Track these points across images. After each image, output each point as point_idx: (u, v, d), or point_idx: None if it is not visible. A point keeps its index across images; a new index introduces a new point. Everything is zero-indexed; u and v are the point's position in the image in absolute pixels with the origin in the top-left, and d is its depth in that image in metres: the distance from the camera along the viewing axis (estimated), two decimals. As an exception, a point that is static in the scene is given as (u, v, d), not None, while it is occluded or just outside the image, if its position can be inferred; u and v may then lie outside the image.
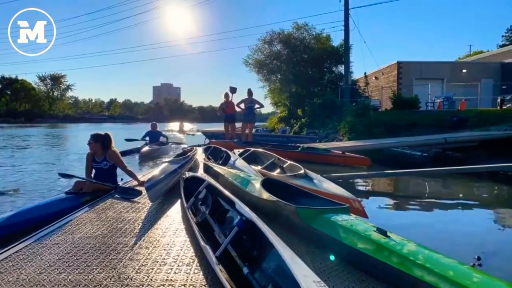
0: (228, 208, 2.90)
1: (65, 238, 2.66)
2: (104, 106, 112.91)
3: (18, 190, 5.85)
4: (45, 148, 15.47)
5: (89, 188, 4.46)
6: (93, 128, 39.27)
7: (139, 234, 2.78)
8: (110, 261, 2.23)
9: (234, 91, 11.32)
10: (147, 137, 11.77)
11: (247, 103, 10.85)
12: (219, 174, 4.79)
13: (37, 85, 77.75)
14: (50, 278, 2.00)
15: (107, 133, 4.74)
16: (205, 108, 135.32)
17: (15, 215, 3.58)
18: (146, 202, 3.78)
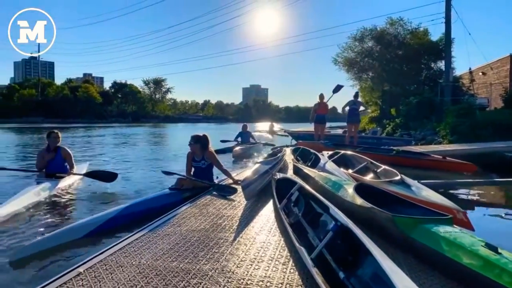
0: (321, 211, 2.94)
1: (174, 230, 2.98)
2: (199, 107, 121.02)
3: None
4: (149, 146, 17.21)
5: (189, 184, 4.88)
6: (189, 128, 42.39)
7: (237, 230, 2.98)
8: (214, 254, 2.45)
9: (338, 89, 11.45)
10: (239, 138, 12.38)
11: (350, 105, 10.97)
12: (309, 176, 4.84)
13: (142, 89, 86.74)
14: (164, 265, 2.28)
15: (205, 135, 5.11)
16: (291, 108, 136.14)
17: (129, 206, 4.11)
18: (242, 200, 4.01)
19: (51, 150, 5.82)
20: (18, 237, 3.45)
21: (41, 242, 3.07)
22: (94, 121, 55.73)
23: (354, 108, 11.08)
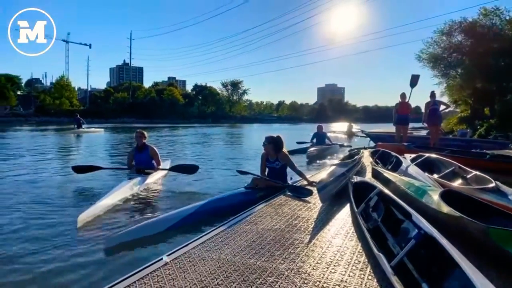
0: (402, 218, 2.79)
1: (251, 228, 3.08)
2: (273, 108, 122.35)
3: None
4: (226, 146, 17.91)
5: (263, 184, 4.98)
6: (264, 128, 43.14)
7: (313, 232, 2.97)
8: (289, 254, 2.48)
9: (415, 81, 10.74)
10: (314, 139, 12.25)
11: (430, 105, 10.26)
12: (389, 180, 4.61)
13: (220, 91, 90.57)
14: (242, 261, 2.37)
15: (279, 136, 5.17)
16: (369, 108, 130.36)
17: (208, 202, 4.34)
18: (317, 202, 3.98)
19: (139, 148, 6.41)
20: (114, 226, 3.87)
21: (131, 231, 3.40)
22: (177, 121, 59.63)
23: (434, 109, 10.29)
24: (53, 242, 3.38)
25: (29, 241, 3.42)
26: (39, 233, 3.63)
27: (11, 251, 3.18)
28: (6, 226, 3.87)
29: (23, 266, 2.88)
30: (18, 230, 3.73)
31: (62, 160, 10.91)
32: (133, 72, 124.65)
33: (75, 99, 71.16)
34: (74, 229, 3.71)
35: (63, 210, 4.57)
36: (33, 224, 3.95)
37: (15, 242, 3.39)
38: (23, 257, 3.04)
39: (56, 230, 3.75)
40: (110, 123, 36.89)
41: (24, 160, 10.38)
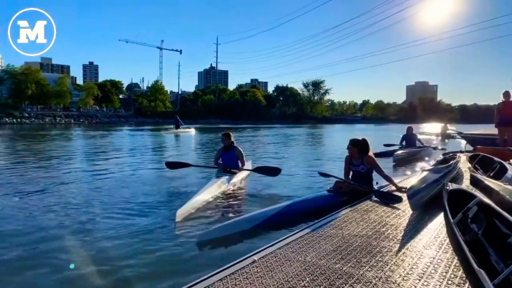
0: (507, 232, 2.52)
1: (336, 232, 3.07)
2: (357, 108, 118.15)
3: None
4: (307, 147, 17.85)
5: (347, 188, 4.87)
6: (346, 129, 41.95)
7: (402, 241, 2.84)
8: (377, 262, 2.42)
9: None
10: (404, 141, 11.53)
11: None
12: (491, 189, 4.17)
13: (302, 91, 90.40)
14: (328, 265, 2.38)
15: (364, 139, 5.00)
16: (467, 107, 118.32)
17: (291, 204, 4.42)
18: (407, 209, 3.78)
19: (226, 148, 6.75)
20: (206, 222, 4.17)
21: (221, 228, 3.64)
22: (259, 122, 61.17)
23: None
24: (154, 234, 3.77)
25: (132, 233, 3.84)
26: (142, 226, 4.05)
27: (114, 241, 3.57)
28: (109, 219, 4.33)
29: (127, 256, 3.23)
30: (124, 222, 4.20)
31: (162, 157, 11.90)
32: (219, 76, 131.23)
33: (167, 102, 77.51)
34: (172, 222, 4.07)
35: (161, 205, 5.06)
36: (135, 217, 4.42)
37: (119, 233, 3.82)
38: (127, 247, 3.44)
39: (156, 222, 4.16)
40: (198, 123, 39.47)
41: (127, 157, 11.67)
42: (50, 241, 3.58)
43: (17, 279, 2.81)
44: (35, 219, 4.32)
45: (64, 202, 5.14)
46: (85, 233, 3.79)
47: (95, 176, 7.70)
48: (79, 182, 7.05)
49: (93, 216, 4.42)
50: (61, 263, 3.03)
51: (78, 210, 4.72)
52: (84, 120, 55.56)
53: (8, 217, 4.39)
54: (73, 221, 4.23)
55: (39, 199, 5.40)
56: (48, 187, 6.28)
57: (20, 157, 11.80)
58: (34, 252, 3.30)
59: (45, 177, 7.54)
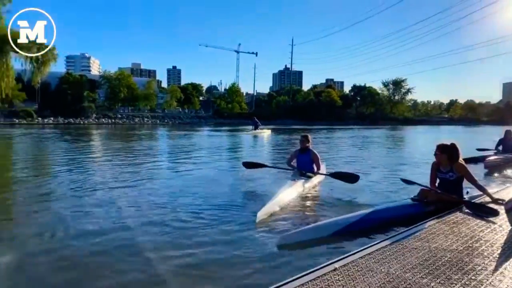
0: None
1: (422, 245, 2.91)
2: (443, 108, 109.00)
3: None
4: (387, 150, 16.97)
5: (434, 197, 4.55)
6: (431, 131, 38.95)
7: (500, 260, 2.60)
8: (470, 281, 2.25)
9: None
10: (500, 146, 10.36)
11: None
12: None
13: (381, 91, 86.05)
14: (414, 279, 2.28)
15: (453, 144, 4.62)
16: None
17: (372, 212, 4.26)
18: (504, 224, 3.44)
19: (302, 151, 6.75)
20: (285, 225, 4.24)
21: (301, 232, 3.68)
22: (334, 123, 59.74)
23: None
24: (235, 234, 3.93)
25: (213, 232, 4.03)
26: (223, 225, 4.22)
27: (194, 240, 3.76)
28: (191, 218, 4.53)
29: (208, 255, 3.39)
30: (205, 222, 4.40)
31: (241, 157, 12.25)
32: (293, 76, 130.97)
33: (243, 103, 79.71)
34: (253, 224, 4.21)
35: (240, 205, 5.27)
36: (216, 216, 4.62)
37: (200, 232, 4.02)
38: (209, 246, 3.62)
39: (237, 222, 4.32)
40: (272, 124, 39.97)
41: (208, 156, 12.30)
42: (132, 236, 3.88)
43: (104, 273, 3.06)
44: (120, 214, 4.75)
45: (147, 199, 5.53)
46: (167, 230, 4.02)
47: (177, 174, 8.30)
48: (162, 179, 7.65)
49: (174, 214, 4.68)
50: (145, 258, 3.29)
51: (160, 208, 5.01)
52: (168, 121, 59.66)
53: (96, 212, 4.85)
54: (155, 218, 4.51)
55: (125, 193, 5.95)
56: (134, 184, 6.87)
57: (114, 154, 13.17)
58: (117, 245, 3.63)
59: (133, 172, 8.36)
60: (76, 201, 5.43)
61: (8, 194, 6.20)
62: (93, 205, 5.19)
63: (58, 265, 3.15)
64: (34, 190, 6.40)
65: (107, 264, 3.20)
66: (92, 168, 9.34)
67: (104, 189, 6.33)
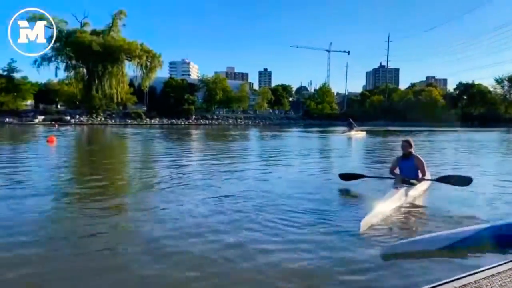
0: None
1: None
2: None
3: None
4: (502, 157, 14.95)
5: None
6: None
7: None
8: None
9: None
10: None
11: None
12: None
13: (493, 88, 76.18)
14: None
15: None
16: None
17: (491, 227, 3.81)
18: None
19: (405, 157, 6.31)
20: (389, 235, 4.06)
21: (407, 244, 3.48)
22: (435, 125, 54.79)
23: None
24: (339, 242, 3.83)
25: (316, 239, 3.99)
26: (325, 232, 4.15)
27: (296, 246, 3.72)
28: (289, 224, 4.46)
29: (311, 262, 3.37)
30: (305, 229, 4.35)
31: (334, 162, 11.99)
32: (389, 74, 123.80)
33: (334, 103, 78.02)
34: (355, 233, 4.07)
35: (339, 212, 5.13)
36: (316, 223, 4.54)
37: (301, 238, 3.98)
38: (310, 253, 3.60)
39: (340, 231, 4.20)
40: (365, 125, 38.21)
41: (299, 158, 12.33)
42: (234, 238, 3.98)
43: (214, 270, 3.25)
44: (218, 214, 4.95)
45: (238, 202, 5.56)
46: (266, 237, 3.99)
47: (269, 176, 8.35)
48: (253, 179, 7.82)
49: (272, 219, 4.61)
50: (248, 259, 3.39)
51: (254, 212, 4.99)
52: (259, 122, 61.50)
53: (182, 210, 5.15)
54: (250, 222, 4.51)
55: (217, 192, 6.22)
56: (230, 183, 7.19)
57: (211, 153, 14.06)
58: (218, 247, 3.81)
59: (224, 171, 8.82)
60: (171, 196, 5.96)
61: (124, 183, 7.07)
62: (190, 202, 5.56)
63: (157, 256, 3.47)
64: (145, 181, 7.31)
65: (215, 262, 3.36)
66: (191, 165, 10.24)
67: (201, 186, 6.86)
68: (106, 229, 4.33)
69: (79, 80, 51.65)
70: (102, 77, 50.53)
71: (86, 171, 9.32)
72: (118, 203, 5.75)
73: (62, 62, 49.52)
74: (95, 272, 3.10)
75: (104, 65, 49.77)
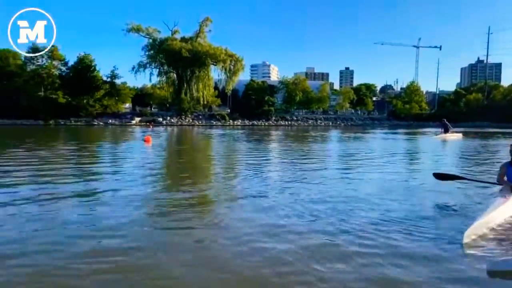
0: None
1: None
2: None
3: None
4: None
5: None
6: None
7: None
8: None
9: None
10: None
11: None
12: None
13: None
14: None
15: None
16: None
17: None
18: None
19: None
20: (496, 249, 3.68)
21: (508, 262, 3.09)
22: (548, 126, 47.57)
23: None
24: (438, 253, 3.57)
25: (413, 246, 3.79)
26: (423, 242, 3.89)
27: (391, 254, 3.56)
28: (381, 230, 4.29)
29: (408, 272, 3.20)
30: (401, 234, 4.16)
31: (428, 165, 11.10)
32: (489, 70, 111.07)
33: (423, 103, 72.53)
34: (458, 243, 3.77)
35: (437, 220, 4.77)
36: (411, 230, 4.29)
37: (397, 246, 3.81)
38: (408, 261, 3.42)
39: (438, 240, 3.93)
40: (460, 127, 34.69)
41: (386, 161, 11.71)
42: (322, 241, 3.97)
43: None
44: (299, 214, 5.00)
45: (325, 206, 5.43)
46: (361, 244, 3.86)
47: (357, 179, 8.07)
48: (337, 182, 7.70)
49: (363, 225, 4.46)
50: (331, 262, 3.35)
51: (342, 217, 4.83)
52: (340, 123, 59.94)
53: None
54: (338, 228, 4.37)
55: (302, 194, 6.22)
56: (312, 186, 7.11)
57: (289, 154, 14.10)
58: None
59: (306, 172, 8.80)
60: (254, 201, 6.03)
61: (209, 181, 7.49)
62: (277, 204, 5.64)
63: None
64: (228, 178, 7.77)
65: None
66: (273, 165, 10.47)
67: (282, 188, 6.95)
68: (197, 223, 4.67)
69: (170, 84, 55.90)
70: (190, 81, 54.00)
71: (178, 169, 10.18)
72: (206, 200, 6.14)
73: (155, 68, 54.12)
74: (185, 264, 3.36)
75: (192, 70, 53.09)
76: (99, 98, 48.08)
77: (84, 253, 3.53)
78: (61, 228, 4.37)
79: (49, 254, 3.53)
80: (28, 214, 4.92)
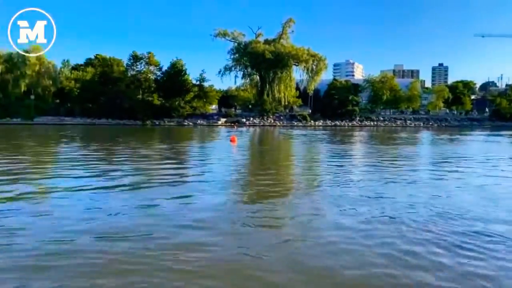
0: None
1: None
2: None
3: None
4: None
5: None
6: None
7: None
8: None
9: None
10: None
11: None
12: None
13: None
14: None
15: None
16: None
17: None
18: None
19: None
20: None
21: None
22: None
23: None
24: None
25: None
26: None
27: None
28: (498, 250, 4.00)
29: None
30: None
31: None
32: None
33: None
34: None
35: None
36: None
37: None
38: None
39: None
40: None
41: (490, 168, 10.46)
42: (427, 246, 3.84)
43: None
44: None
45: (422, 213, 5.23)
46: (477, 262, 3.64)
47: (451, 185, 7.53)
48: (432, 189, 7.16)
49: (473, 240, 4.22)
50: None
51: (442, 232, 4.59)
52: (433, 123, 55.39)
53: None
54: (442, 244, 4.15)
55: (392, 202, 6.01)
56: (403, 193, 6.77)
57: (376, 157, 13.39)
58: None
59: (398, 177, 8.27)
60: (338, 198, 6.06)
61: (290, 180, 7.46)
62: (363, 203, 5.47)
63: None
64: (312, 181, 7.76)
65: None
66: (357, 168, 10.28)
67: (369, 192, 6.75)
68: (274, 222, 4.84)
69: (253, 86, 57.52)
70: (272, 82, 54.87)
71: (262, 168, 10.44)
72: (284, 200, 6.22)
73: (240, 71, 56.15)
74: (263, 262, 3.44)
75: (274, 71, 53.90)
76: (189, 100, 51.42)
77: (173, 245, 3.90)
78: (157, 218, 4.89)
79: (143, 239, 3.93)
80: (126, 200, 5.73)
